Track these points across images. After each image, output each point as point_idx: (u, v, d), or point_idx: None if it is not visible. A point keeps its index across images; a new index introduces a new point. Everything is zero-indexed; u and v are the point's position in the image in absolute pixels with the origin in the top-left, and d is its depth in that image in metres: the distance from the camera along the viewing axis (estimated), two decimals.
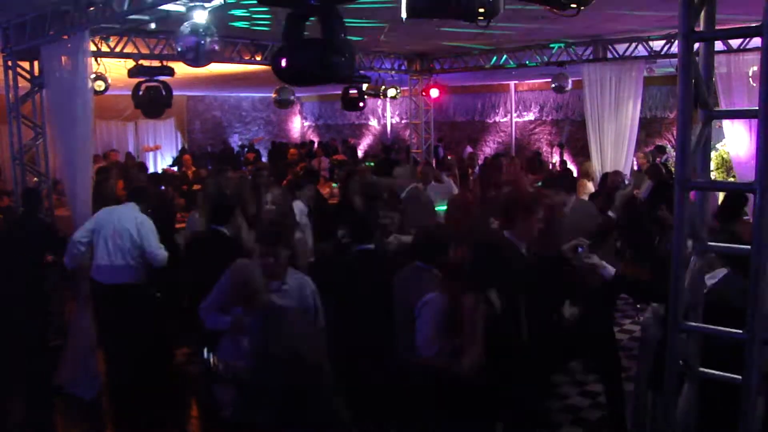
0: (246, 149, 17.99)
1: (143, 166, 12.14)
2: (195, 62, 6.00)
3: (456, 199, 6.99)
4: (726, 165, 10.84)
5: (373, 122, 20.58)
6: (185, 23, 5.76)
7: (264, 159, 17.74)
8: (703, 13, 2.35)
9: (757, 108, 2.10)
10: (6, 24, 6.89)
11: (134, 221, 5.77)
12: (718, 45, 7.88)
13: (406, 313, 3.96)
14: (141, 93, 8.70)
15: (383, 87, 12.64)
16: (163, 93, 8.69)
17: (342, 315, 4.54)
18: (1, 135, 13.32)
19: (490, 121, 18.04)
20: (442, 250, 4.10)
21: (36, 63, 6.97)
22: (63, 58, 6.28)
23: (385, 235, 5.54)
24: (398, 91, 13.29)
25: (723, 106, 8.34)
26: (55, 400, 6.03)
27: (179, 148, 18.61)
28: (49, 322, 6.80)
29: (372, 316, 4.32)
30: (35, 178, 7.36)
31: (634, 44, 9.24)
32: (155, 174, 12.40)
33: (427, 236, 4.34)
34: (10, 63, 7.07)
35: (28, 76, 7.11)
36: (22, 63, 7.07)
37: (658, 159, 13.22)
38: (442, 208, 7.15)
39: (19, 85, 7.16)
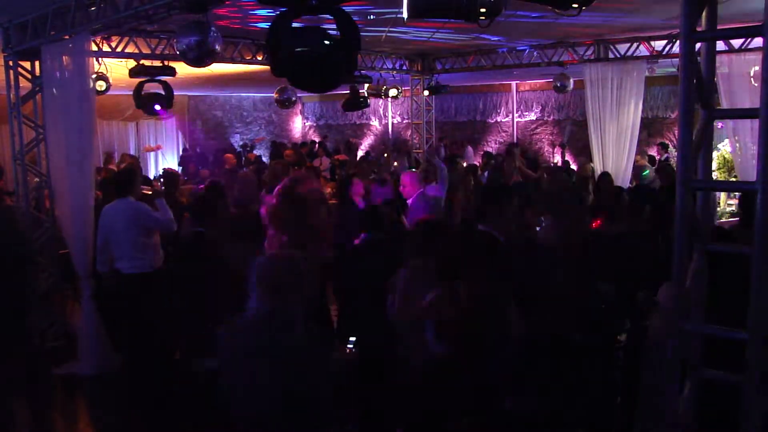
0: (247, 149, 17.99)
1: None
2: (196, 62, 6.00)
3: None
4: (727, 165, 10.82)
5: (375, 122, 20.57)
6: (186, 23, 5.77)
7: (265, 159, 17.74)
8: (704, 13, 2.35)
9: (758, 108, 2.09)
10: (7, 24, 6.89)
11: (130, 212, 6.07)
12: (720, 45, 7.86)
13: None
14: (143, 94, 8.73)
15: (384, 87, 12.63)
16: (164, 93, 8.70)
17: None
18: (2, 135, 13.35)
19: (492, 121, 18.04)
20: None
21: (37, 63, 6.96)
22: (64, 58, 6.29)
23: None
24: (400, 91, 13.27)
25: (724, 106, 8.33)
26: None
27: (181, 148, 18.63)
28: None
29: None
30: (36, 179, 7.37)
31: (635, 44, 9.24)
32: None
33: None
34: (11, 63, 7.07)
35: (29, 76, 7.10)
36: (23, 63, 7.07)
37: (659, 157, 13.24)
38: None
39: (20, 85, 7.15)
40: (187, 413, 5.33)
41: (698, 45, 2.37)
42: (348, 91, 11.71)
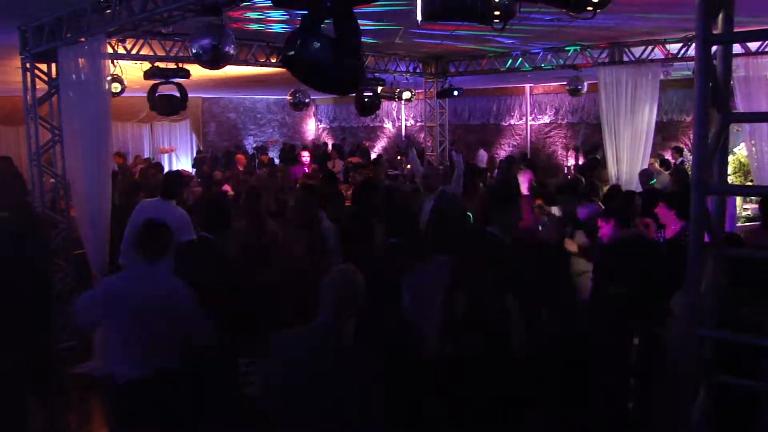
0: (260, 152, 18.06)
1: (160, 167, 12.22)
2: (210, 64, 6.03)
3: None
4: (743, 169, 10.74)
5: (388, 125, 20.59)
6: (201, 25, 5.80)
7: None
8: (720, 16, 2.33)
9: None
10: (24, 27, 6.96)
11: (172, 215, 6.01)
12: (736, 48, 7.80)
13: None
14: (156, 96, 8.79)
15: (398, 89, 12.64)
16: (179, 95, 8.75)
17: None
18: (19, 136, 13.50)
19: (505, 124, 17.98)
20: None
21: (54, 65, 7.02)
22: (80, 61, 6.35)
23: None
24: (413, 93, 13.28)
25: (741, 110, 8.25)
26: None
27: (195, 150, 18.72)
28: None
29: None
30: (52, 180, 7.44)
31: (650, 47, 9.18)
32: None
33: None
34: (28, 65, 7.14)
35: (45, 78, 7.16)
36: (40, 65, 7.13)
37: (674, 161, 13.14)
38: None
39: (37, 86, 7.21)
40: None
41: (714, 48, 2.35)
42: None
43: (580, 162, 15.00)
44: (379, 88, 11.26)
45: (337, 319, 3.02)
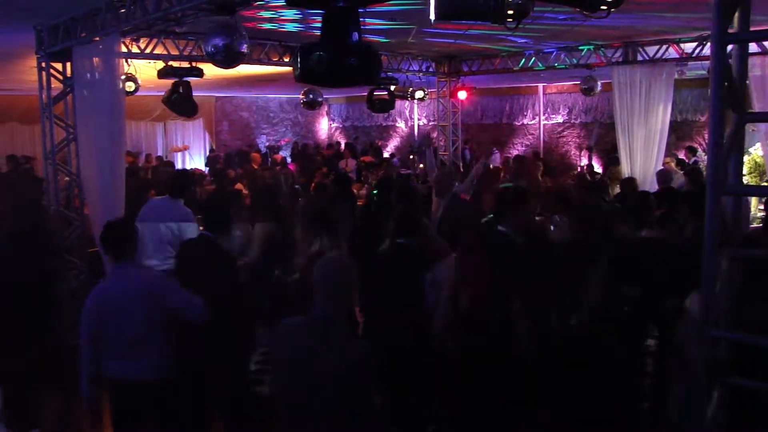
0: (273, 151, 18.11)
1: (172, 165, 12.30)
2: (224, 63, 6.04)
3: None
4: (759, 169, 10.64)
5: (401, 124, 20.57)
6: (214, 25, 5.82)
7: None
8: (736, 14, 2.31)
9: None
10: (40, 26, 7.01)
11: (177, 215, 6.04)
12: (752, 47, 7.73)
13: None
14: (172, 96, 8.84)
15: (410, 89, 12.62)
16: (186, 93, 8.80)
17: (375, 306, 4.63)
18: (34, 135, 13.62)
19: (518, 124, 17.92)
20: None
21: (68, 64, 7.06)
22: (95, 60, 6.39)
23: None
24: (426, 93, 13.25)
25: (757, 109, 8.17)
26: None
27: (208, 148, 18.80)
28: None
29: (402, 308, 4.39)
30: (66, 178, 7.50)
31: (664, 46, 9.10)
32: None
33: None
34: (43, 64, 7.19)
35: (60, 77, 7.21)
36: (55, 64, 7.17)
37: (687, 161, 13.05)
38: None
39: (52, 85, 7.26)
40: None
41: (730, 47, 2.32)
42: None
43: (594, 161, 14.96)
44: (392, 87, 11.26)
45: (334, 309, 2.97)
